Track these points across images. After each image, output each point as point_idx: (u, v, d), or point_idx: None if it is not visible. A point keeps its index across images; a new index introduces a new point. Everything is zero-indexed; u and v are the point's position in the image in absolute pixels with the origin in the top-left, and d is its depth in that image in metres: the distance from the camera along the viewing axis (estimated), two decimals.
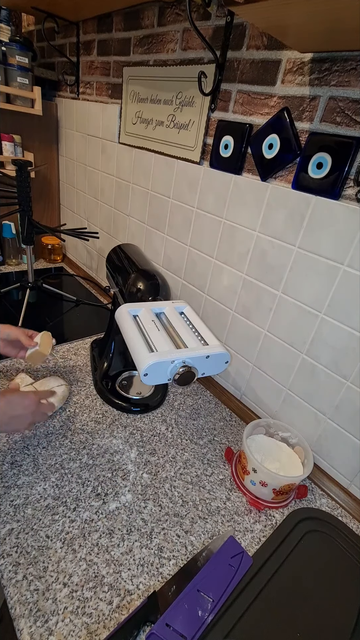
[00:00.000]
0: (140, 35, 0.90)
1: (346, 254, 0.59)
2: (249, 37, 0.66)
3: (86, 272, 1.45)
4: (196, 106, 0.79)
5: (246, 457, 0.64)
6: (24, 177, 1.00)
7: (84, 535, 0.56)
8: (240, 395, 0.88)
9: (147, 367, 0.53)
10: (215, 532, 0.60)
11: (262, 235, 0.72)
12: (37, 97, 1.17)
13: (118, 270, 0.80)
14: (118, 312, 0.64)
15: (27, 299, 1.10)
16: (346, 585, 0.54)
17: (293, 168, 0.65)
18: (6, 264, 1.40)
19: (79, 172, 1.32)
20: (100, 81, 1.10)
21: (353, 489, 0.69)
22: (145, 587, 0.51)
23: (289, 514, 0.63)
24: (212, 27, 0.72)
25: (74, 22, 1.12)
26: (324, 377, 0.68)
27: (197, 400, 0.89)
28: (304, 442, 0.69)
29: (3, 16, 1.16)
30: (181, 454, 0.73)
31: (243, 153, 0.72)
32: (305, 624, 0.49)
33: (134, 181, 1.05)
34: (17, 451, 0.66)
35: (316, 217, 0.62)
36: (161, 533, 0.58)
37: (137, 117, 0.97)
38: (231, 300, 0.83)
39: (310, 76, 0.59)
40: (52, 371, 0.88)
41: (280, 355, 0.75)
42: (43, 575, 0.50)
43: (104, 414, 0.79)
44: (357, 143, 0.55)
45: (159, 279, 0.74)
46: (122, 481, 0.65)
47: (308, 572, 0.55)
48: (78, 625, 0.46)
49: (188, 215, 0.89)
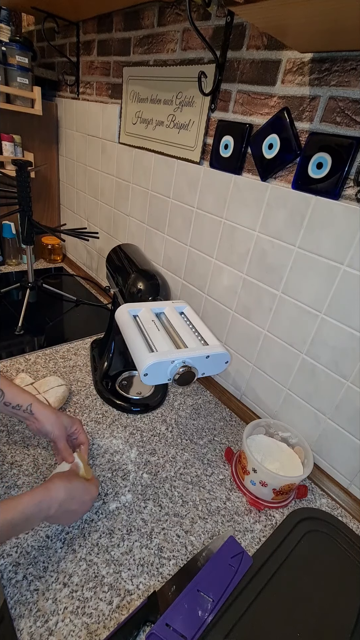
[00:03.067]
0: (140, 35, 0.90)
1: (346, 254, 0.59)
2: (249, 37, 0.66)
3: (86, 272, 1.45)
4: (196, 106, 0.79)
5: (246, 457, 0.64)
6: (24, 177, 1.00)
7: (84, 535, 0.56)
8: (240, 395, 0.88)
9: (147, 367, 0.53)
10: (215, 532, 0.60)
11: (262, 235, 0.72)
12: (37, 97, 1.17)
13: (118, 270, 0.80)
14: (118, 312, 0.64)
15: (27, 299, 1.10)
16: (346, 585, 0.54)
17: (293, 168, 0.65)
18: (6, 264, 1.40)
19: (79, 172, 1.32)
20: (100, 81, 1.10)
21: (353, 489, 0.69)
22: (145, 587, 0.51)
23: (289, 514, 0.63)
24: (212, 27, 0.72)
25: (74, 22, 1.12)
26: (324, 377, 0.68)
27: (197, 400, 0.89)
28: (304, 442, 0.69)
29: (3, 16, 1.16)
30: (181, 454, 0.73)
31: (243, 153, 0.72)
32: (305, 624, 0.49)
33: (134, 181, 1.05)
34: (17, 451, 0.66)
35: (316, 217, 0.62)
36: (161, 533, 0.58)
37: (137, 117, 0.97)
38: (231, 300, 0.83)
39: (310, 76, 0.59)
40: (52, 371, 0.88)
41: (280, 355, 0.75)
42: (43, 575, 0.50)
43: (104, 414, 0.79)
44: (357, 143, 0.55)
45: (159, 279, 0.74)
46: (122, 481, 0.65)
47: (308, 572, 0.55)
48: (78, 625, 0.46)
49: (188, 215, 0.89)
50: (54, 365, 0.90)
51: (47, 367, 0.89)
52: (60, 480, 0.51)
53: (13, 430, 0.70)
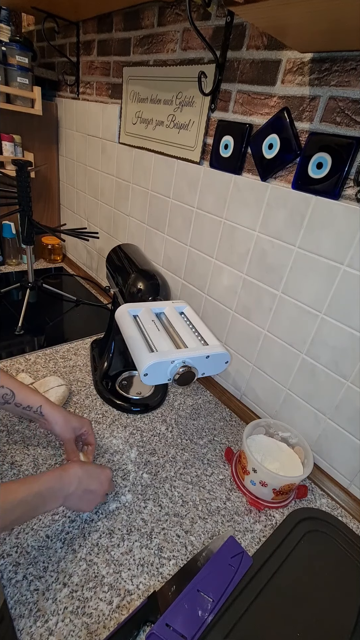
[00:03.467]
0: (140, 35, 0.90)
1: (346, 254, 0.59)
2: (249, 37, 0.66)
3: (86, 272, 1.45)
4: (196, 106, 0.79)
5: (246, 457, 0.64)
6: (24, 177, 1.00)
7: (84, 535, 0.56)
8: (240, 395, 0.88)
9: (147, 367, 0.53)
10: (215, 532, 0.60)
11: (262, 235, 0.72)
12: (37, 97, 1.17)
13: (118, 270, 0.80)
14: (118, 312, 0.64)
15: (27, 299, 1.10)
16: (346, 585, 0.54)
17: (293, 168, 0.65)
18: (6, 264, 1.40)
19: (79, 172, 1.32)
20: (100, 81, 1.10)
21: (353, 489, 0.69)
22: (145, 587, 0.51)
23: (289, 514, 0.63)
24: (212, 27, 0.72)
25: (74, 22, 1.12)
26: (324, 377, 0.68)
27: (197, 400, 0.89)
28: (304, 442, 0.69)
29: (3, 16, 1.16)
30: (181, 454, 0.73)
31: (243, 153, 0.72)
32: (305, 624, 0.49)
33: (134, 181, 1.05)
34: (17, 451, 0.66)
35: (316, 217, 0.62)
36: (161, 533, 0.58)
37: (137, 117, 0.97)
38: (231, 300, 0.83)
39: (310, 76, 0.59)
40: (52, 371, 0.88)
41: (280, 355, 0.75)
42: (43, 575, 0.50)
43: (104, 414, 0.79)
44: (357, 143, 0.55)
45: (159, 279, 0.74)
46: (122, 481, 0.65)
47: (308, 572, 0.55)
48: (78, 625, 0.46)
49: (188, 215, 0.89)
50: (54, 365, 0.90)
51: (47, 367, 0.89)
52: (74, 462, 0.54)
53: (13, 430, 0.70)
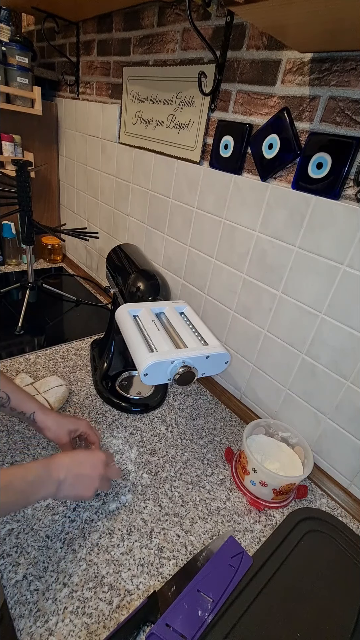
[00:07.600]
0: (140, 35, 0.90)
1: (346, 254, 0.59)
2: (249, 37, 0.66)
3: (86, 272, 1.45)
4: (196, 106, 0.79)
5: (246, 457, 0.64)
6: (24, 177, 1.00)
7: (84, 535, 0.56)
8: (240, 395, 0.88)
9: (147, 367, 0.53)
10: (215, 532, 0.60)
11: (262, 235, 0.72)
12: (37, 97, 1.17)
13: (118, 270, 0.80)
14: (118, 312, 0.64)
15: (27, 299, 1.10)
16: (346, 585, 0.54)
17: (293, 168, 0.65)
18: (6, 264, 1.40)
19: (79, 172, 1.32)
20: (100, 81, 1.10)
21: (353, 489, 0.69)
22: (145, 587, 0.51)
23: (289, 514, 0.63)
24: (212, 27, 0.72)
25: (74, 22, 1.12)
26: (324, 377, 0.68)
27: (197, 400, 0.89)
28: (304, 442, 0.69)
29: (3, 16, 1.16)
30: (181, 454, 0.73)
31: (243, 153, 0.72)
32: (305, 624, 0.49)
33: (134, 181, 1.05)
34: (17, 451, 0.66)
35: (316, 217, 0.62)
36: (161, 533, 0.58)
37: (137, 117, 0.97)
38: (231, 300, 0.83)
39: (310, 76, 0.59)
40: (52, 371, 0.88)
41: (280, 355, 0.75)
42: (43, 575, 0.50)
43: (104, 414, 0.79)
44: (357, 143, 0.55)
45: (159, 279, 0.74)
46: (122, 481, 0.65)
47: (308, 572, 0.55)
48: (78, 625, 0.46)
49: (188, 215, 0.89)
50: (54, 365, 0.90)
51: (47, 367, 0.89)
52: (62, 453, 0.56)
53: (13, 430, 0.70)
